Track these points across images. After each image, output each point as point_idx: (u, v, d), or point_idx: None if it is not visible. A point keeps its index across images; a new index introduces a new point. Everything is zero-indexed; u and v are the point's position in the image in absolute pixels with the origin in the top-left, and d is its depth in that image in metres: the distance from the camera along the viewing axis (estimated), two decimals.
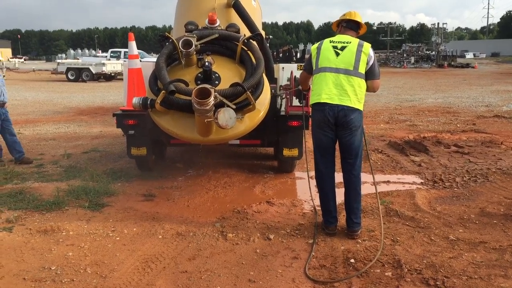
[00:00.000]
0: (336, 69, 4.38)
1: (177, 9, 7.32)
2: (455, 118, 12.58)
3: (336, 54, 4.41)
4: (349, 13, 4.72)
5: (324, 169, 4.55)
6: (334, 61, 4.40)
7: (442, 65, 51.16)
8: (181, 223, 4.86)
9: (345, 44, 4.44)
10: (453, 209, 5.21)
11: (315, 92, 4.49)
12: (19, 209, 5.22)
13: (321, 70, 4.46)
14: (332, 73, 4.39)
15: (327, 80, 4.39)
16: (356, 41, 4.46)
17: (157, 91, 4.93)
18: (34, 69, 39.47)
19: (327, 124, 4.38)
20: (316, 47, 4.60)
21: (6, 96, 7.58)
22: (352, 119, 4.32)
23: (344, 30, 4.66)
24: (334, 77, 4.37)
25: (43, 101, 17.90)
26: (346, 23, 4.66)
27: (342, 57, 4.39)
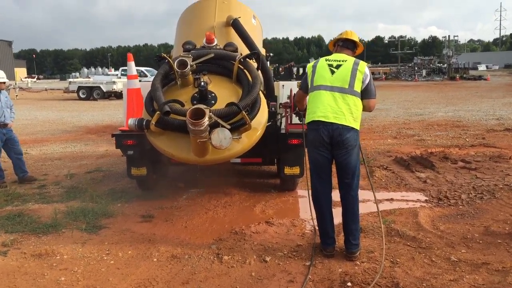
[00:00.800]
0: (331, 87, 4.31)
1: (177, 28, 7.36)
2: (464, 132, 12.39)
3: (331, 72, 4.35)
4: (345, 32, 4.68)
5: (321, 189, 4.45)
6: (329, 79, 4.34)
7: (454, 77, 50.76)
8: (177, 245, 4.79)
9: (340, 63, 4.38)
10: (457, 228, 5.07)
11: (310, 110, 4.42)
12: (16, 232, 5.19)
13: (316, 88, 4.40)
14: (327, 91, 4.32)
15: (322, 98, 4.32)
16: (352, 59, 4.40)
17: (152, 112, 4.91)
18: (46, 89, 40.00)
19: (322, 143, 4.29)
20: (312, 66, 4.55)
21: (8, 117, 7.62)
22: (347, 138, 4.23)
23: (340, 49, 4.61)
24: (329, 95, 4.30)
25: (52, 120, 18.08)
26: (343, 42, 4.62)
27: (337, 75, 4.32)
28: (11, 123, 7.71)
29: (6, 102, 7.65)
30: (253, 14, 7.42)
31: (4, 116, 7.51)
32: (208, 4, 7.05)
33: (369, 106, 4.42)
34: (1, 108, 7.46)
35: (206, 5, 7.06)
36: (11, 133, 7.72)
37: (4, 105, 7.54)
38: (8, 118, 7.62)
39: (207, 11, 6.81)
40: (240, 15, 6.52)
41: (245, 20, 6.65)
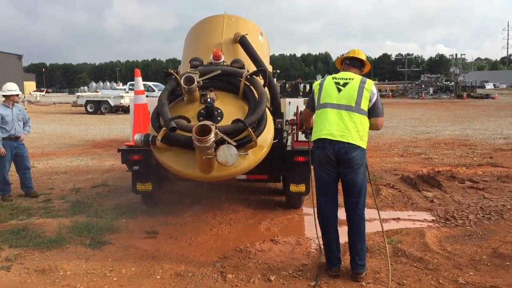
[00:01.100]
0: (337, 105, 4.30)
1: (185, 44, 7.41)
2: (471, 151, 12.30)
3: (338, 90, 4.35)
4: (352, 51, 4.69)
5: (326, 207, 4.41)
6: (336, 97, 4.33)
7: (461, 96, 50.70)
8: (181, 263, 4.75)
9: (347, 81, 4.38)
10: (465, 249, 4.99)
11: (317, 128, 4.41)
12: (20, 247, 5.17)
13: (322, 106, 4.39)
14: (333, 109, 4.31)
15: (328, 116, 4.31)
16: (359, 78, 4.40)
17: (158, 128, 4.91)
18: (54, 102, 40.34)
19: (328, 162, 4.26)
20: (319, 84, 4.55)
21: (20, 130, 7.62)
22: (353, 157, 4.20)
23: (347, 68, 4.62)
24: (336, 113, 4.29)
25: (60, 134, 18.17)
26: (350, 61, 4.63)
27: (344, 93, 4.32)
28: (23, 136, 7.72)
29: (18, 115, 7.61)
30: (260, 31, 7.46)
31: (15, 129, 7.51)
32: (215, 21, 7.11)
33: (376, 124, 4.39)
34: (12, 121, 7.46)
35: (214, 22, 7.12)
36: (22, 147, 7.72)
37: (15, 118, 7.53)
38: (20, 132, 7.62)
39: (215, 28, 6.86)
40: (247, 32, 6.56)
41: (253, 37, 6.68)
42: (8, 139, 7.43)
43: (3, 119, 7.35)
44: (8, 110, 7.47)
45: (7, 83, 7.71)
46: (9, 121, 7.41)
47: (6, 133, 7.40)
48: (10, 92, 7.50)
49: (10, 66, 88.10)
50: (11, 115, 7.47)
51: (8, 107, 7.50)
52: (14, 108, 7.57)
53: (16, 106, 7.64)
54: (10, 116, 7.45)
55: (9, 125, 7.41)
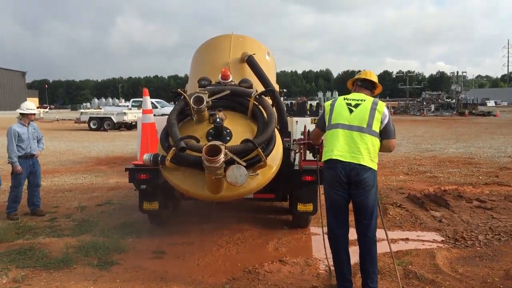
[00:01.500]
0: (349, 126, 4.30)
1: (192, 63, 7.45)
2: (477, 169, 12.26)
3: (349, 111, 4.35)
4: (364, 72, 4.73)
5: (337, 229, 4.37)
6: (347, 117, 4.33)
7: (463, 113, 50.79)
8: (189, 284, 4.70)
9: (359, 102, 4.39)
10: (476, 271, 4.94)
11: (327, 148, 4.40)
12: (27, 267, 5.13)
13: (334, 126, 4.38)
14: (345, 130, 4.31)
15: (339, 136, 4.30)
16: (371, 99, 4.42)
17: (167, 148, 4.90)
18: (58, 119, 40.47)
19: (340, 183, 4.24)
20: (330, 104, 4.56)
21: (35, 148, 7.69)
22: (365, 178, 4.19)
23: (359, 89, 4.64)
24: (347, 134, 4.28)
25: (63, 151, 18.18)
26: (361, 82, 4.65)
27: (356, 114, 4.32)
28: (38, 153, 7.81)
29: (33, 133, 7.70)
30: (267, 51, 7.51)
31: (31, 147, 7.58)
32: (223, 40, 7.17)
33: (388, 146, 4.38)
34: (28, 139, 7.53)
35: (221, 41, 7.18)
36: (36, 164, 7.78)
37: (31, 137, 7.60)
38: (35, 149, 7.68)
39: (222, 48, 6.91)
40: (254, 51, 6.61)
41: (260, 57, 6.73)
42: (24, 157, 7.49)
43: (19, 137, 7.42)
44: (24, 128, 7.54)
45: (26, 101, 7.91)
46: (25, 139, 7.48)
47: (22, 151, 7.46)
48: (29, 111, 7.61)
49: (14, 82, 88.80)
50: (27, 133, 7.55)
51: (24, 126, 7.58)
52: (30, 127, 7.65)
53: (31, 125, 7.73)
54: (26, 135, 7.52)
55: (25, 143, 7.47)
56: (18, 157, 7.37)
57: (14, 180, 7.51)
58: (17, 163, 7.35)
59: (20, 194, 7.56)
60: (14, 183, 7.51)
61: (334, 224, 4.39)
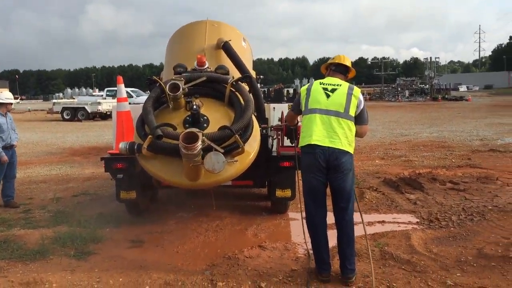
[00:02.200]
0: (326, 110, 4.32)
1: (168, 50, 7.35)
2: (450, 152, 12.52)
3: (326, 96, 4.36)
4: (338, 56, 4.73)
5: (315, 214, 4.41)
6: (324, 102, 4.34)
7: (436, 98, 51.69)
8: (169, 272, 4.68)
9: (335, 87, 4.40)
10: (450, 251, 5.06)
11: (305, 133, 4.40)
12: (2, 259, 5.04)
13: (311, 111, 4.38)
14: (322, 115, 4.32)
15: (317, 121, 4.31)
16: (347, 84, 4.45)
17: (144, 136, 4.85)
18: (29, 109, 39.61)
19: (318, 168, 4.26)
20: (306, 89, 4.55)
21: (14, 138, 7.61)
22: (343, 162, 4.22)
23: (333, 73, 4.64)
24: (325, 119, 4.30)
25: (36, 142, 17.82)
26: (335, 67, 4.66)
27: (333, 99, 4.33)
28: (16, 143, 7.72)
29: (11, 124, 7.61)
30: (243, 37, 7.46)
31: (10, 138, 7.49)
32: (198, 27, 7.07)
33: (361, 132, 4.44)
34: (8, 129, 7.43)
35: (196, 28, 7.08)
36: (15, 155, 7.72)
37: (9, 127, 7.50)
38: (14, 140, 7.61)
39: (198, 34, 6.82)
40: (230, 38, 6.56)
41: (236, 43, 6.67)
42: (4, 148, 7.38)
43: (0, 128, 7.28)
44: (3, 118, 7.44)
45: (3, 91, 7.74)
46: (5, 130, 7.39)
47: (3, 142, 7.36)
48: (7, 101, 7.50)
49: None
50: (6, 123, 7.44)
51: (3, 116, 7.44)
52: (7, 117, 7.53)
53: (8, 115, 7.62)
54: (6, 125, 7.43)
55: (5, 133, 7.39)
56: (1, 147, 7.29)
57: None
58: (3, 153, 7.26)
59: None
60: None
61: (312, 208, 4.43)
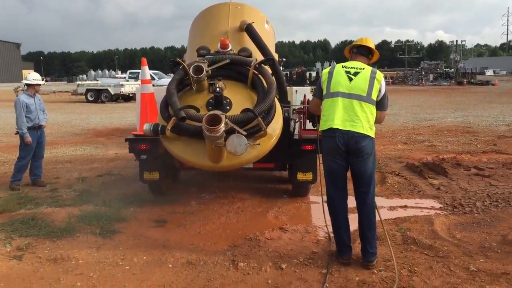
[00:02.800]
0: (349, 94, 4.26)
1: (191, 33, 7.36)
2: (475, 138, 12.31)
3: (349, 79, 4.30)
4: (360, 39, 4.67)
5: (336, 197, 4.41)
6: (347, 86, 4.29)
7: (462, 82, 50.62)
8: (191, 251, 4.76)
9: (358, 70, 4.34)
10: (474, 237, 5.02)
11: (326, 117, 4.34)
12: (31, 236, 5.19)
13: (333, 95, 4.32)
14: (344, 98, 4.26)
15: (339, 105, 4.26)
16: (369, 68, 4.38)
17: (167, 118, 4.90)
18: (54, 91, 40.19)
19: (338, 152, 4.24)
20: (328, 72, 4.49)
21: (42, 119, 7.76)
22: (363, 146, 4.19)
23: (355, 56, 4.58)
24: (347, 103, 4.25)
25: (61, 123, 18.13)
26: (357, 49, 4.59)
27: (356, 83, 4.28)
28: (45, 124, 7.88)
29: (40, 104, 7.75)
30: (266, 19, 7.42)
31: (38, 118, 7.64)
32: (221, 9, 7.06)
33: (380, 117, 4.42)
34: (36, 110, 7.58)
35: (220, 10, 7.07)
36: (43, 135, 7.88)
37: (38, 107, 7.65)
38: (42, 120, 7.76)
39: (221, 16, 6.81)
40: (253, 20, 6.53)
41: (259, 25, 6.64)
42: (33, 128, 7.54)
43: (28, 108, 7.48)
44: (31, 99, 7.59)
45: (31, 72, 7.92)
46: (33, 110, 7.54)
47: (31, 122, 7.52)
48: (35, 81, 7.63)
49: (9, 54, 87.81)
50: (35, 104, 7.59)
51: (31, 96, 7.61)
52: (36, 98, 7.68)
53: (37, 96, 7.76)
54: (34, 105, 7.57)
55: (33, 114, 7.53)
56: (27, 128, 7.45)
57: (22, 151, 7.59)
58: (27, 134, 7.41)
59: (26, 164, 7.65)
60: (23, 154, 7.59)
61: (333, 192, 4.42)
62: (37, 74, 8.01)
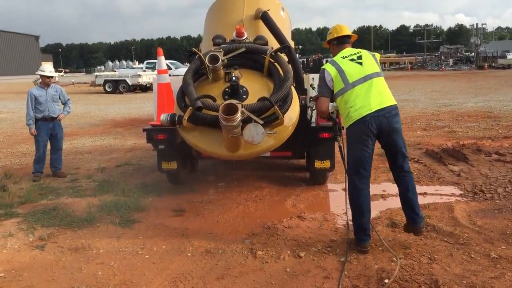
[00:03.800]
0: (364, 77, 4.37)
1: (206, 21, 7.33)
2: (496, 123, 12.08)
3: (359, 64, 4.43)
4: (335, 29, 4.79)
5: (362, 186, 4.37)
6: (361, 71, 4.41)
7: (482, 66, 49.71)
8: (210, 240, 4.80)
9: (358, 54, 4.55)
10: (495, 223, 4.94)
11: (357, 107, 4.31)
12: (52, 226, 5.28)
13: (354, 84, 4.37)
14: (365, 83, 4.36)
15: (362, 92, 4.33)
16: (363, 50, 4.64)
17: (184, 107, 4.91)
18: (73, 82, 40.65)
19: (369, 136, 4.29)
20: (334, 68, 4.47)
21: (54, 110, 7.75)
22: (395, 115, 4.36)
23: (340, 47, 4.73)
24: (367, 86, 4.35)
25: (81, 114, 18.34)
26: (337, 41, 4.74)
27: (366, 64, 4.45)
28: (61, 116, 7.88)
29: (53, 96, 7.74)
30: (281, 6, 7.34)
31: (49, 110, 7.67)
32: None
33: None
34: (46, 102, 7.62)
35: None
36: (57, 128, 7.85)
37: (50, 99, 7.67)
38: (55, 112, 7.75)
39: (236, 4, 6.76)
40: (268, 7, 6.46)
41: (274, 13, 6.58)
42: (44, 119, 7.63)
43: (37, 100, 7.56)
44: (42, 91, 7.64)
45: (46, 64, 7.86)
46: (43, 102, 7.59)
47: (41, 114, 7.60)
48: (41, 73, 7.66)
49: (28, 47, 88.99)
50: (45, 95, 7.63)
51: (43, 88, 7.66)
52: (50, 89, 7.71)
53: (52, 87, 7.79)
54: (44, 97, 7.61)
55: (43, 105, 7.59)
56: (35, 120, 7.56)
57: (35, 143, 7.74)
58: (32, 125, 7.53)
59: (42, 156, 7.74)
60: (36, 146, 7.74)
61: (357, 181, 4.37)
62: (48, 65, 7.94)
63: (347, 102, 4.38)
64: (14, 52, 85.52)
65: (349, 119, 4.38)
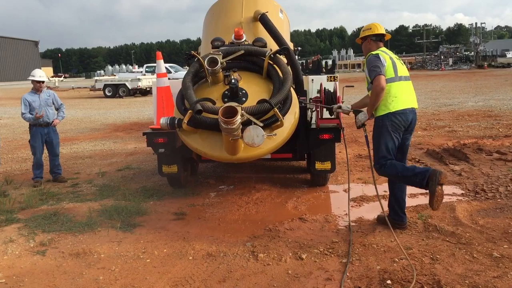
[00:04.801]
0: (406, 76, 4.79)
1: (205, 24, 7.34)
2: (497, 122, 12.06)
3: (401, 63, 4.83)
4: (374, 26, 4.92)
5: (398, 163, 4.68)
6: (405, 70, 4.83)
7: (482, 66, 49.64)
8: (211, 243, 4.79)
9: (396, 55, 4.90)
10: (497, 223, 4.93)
11: (400, 99, 4.63)
12: (53, 231, 5.27)
13: (400, 78, 4.69)
14: (405, 81, 4.74)
15: (407, 87, 4.73)
16: None
17: (184, 111, 4.91)
18: (73, 87, 40.68)
19: (404, 127, 4.66)
20: (388, 57, 4.72)
21: (48, 115, 7.67)
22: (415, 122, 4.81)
23: (377, 44, 4.92)
24: (409, 84, 4.78)
25: (81, 119, 18.35)
26: (375, 37, 4.92)
27: (402, 66, 4.81)
28: (56, 121, 7.80)
29: (47, 100, 7.69)
30: (280, 8, 7.35)
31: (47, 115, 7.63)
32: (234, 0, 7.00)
33: None
34: (40, 107, 7.56)
35: (233, 0, 7.02)
36: (52, 133, 7.77)
37: (43, 104, 7.62)
38: (48, 117, 7.66)
39: (234, 7, 6.77)
40: (267, 9, 6.47)
41: (273, 15, 6.59)
42: (38, 125, 7.58)
43: (30, 105, 7.54)
44: (35, 96, 7.61)
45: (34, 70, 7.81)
46: (36, 107, 7.54)
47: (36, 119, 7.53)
48: (32, 78, 7.63)
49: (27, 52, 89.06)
50: (39, 101, 7.59)
51: (35, 93, 7.63)
52: (43, 94, 7.67)
53: (45, 92, 7.76)
54: (38, 102, 7.58)
55: (37, 110, 7.53)
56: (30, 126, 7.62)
57: (31, 149, 7.74)
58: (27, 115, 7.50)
59: (39, 161, 7.71)
60: (31, 151, 7.74)
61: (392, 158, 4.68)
62: (39, 70, 7.79)
63: (391, 91, 4.63)
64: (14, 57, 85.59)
65: (388, 108, 4.62)
